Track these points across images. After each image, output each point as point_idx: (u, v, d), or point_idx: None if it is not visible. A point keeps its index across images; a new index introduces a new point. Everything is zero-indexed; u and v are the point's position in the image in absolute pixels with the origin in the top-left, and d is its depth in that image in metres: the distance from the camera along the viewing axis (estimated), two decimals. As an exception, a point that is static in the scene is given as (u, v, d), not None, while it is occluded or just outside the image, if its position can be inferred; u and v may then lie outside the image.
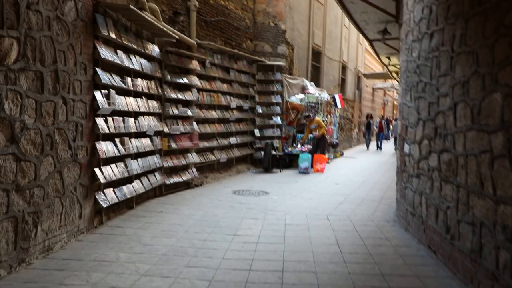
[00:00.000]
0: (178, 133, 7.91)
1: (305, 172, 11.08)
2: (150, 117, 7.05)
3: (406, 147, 5.64)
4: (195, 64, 8.54)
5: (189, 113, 8.26)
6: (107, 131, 5.50)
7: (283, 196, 7.95)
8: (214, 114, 9.70)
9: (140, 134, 6.66)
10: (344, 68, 19.56)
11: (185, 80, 8.14)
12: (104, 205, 5.38)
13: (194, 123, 8.53)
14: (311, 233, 5.42)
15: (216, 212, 6.52)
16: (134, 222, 5.68)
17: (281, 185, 9.19)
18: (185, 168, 8.37)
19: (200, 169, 9.14)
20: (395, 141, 22.05)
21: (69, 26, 4.62)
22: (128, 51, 6.35)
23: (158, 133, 7.36)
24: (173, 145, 7.80)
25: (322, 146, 12.11)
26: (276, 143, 12.04)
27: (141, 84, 6.68)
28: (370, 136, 20.60)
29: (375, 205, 7.36)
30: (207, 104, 9.51)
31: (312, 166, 11.47)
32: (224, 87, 10.17)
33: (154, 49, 7.14)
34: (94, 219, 5.35)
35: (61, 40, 4.46)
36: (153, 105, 7.11)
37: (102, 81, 5.34)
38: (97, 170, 5.30)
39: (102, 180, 5.34)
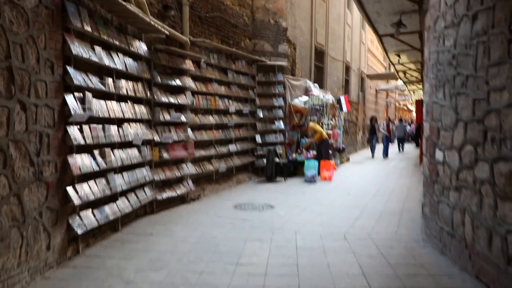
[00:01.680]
0: (170, 141, 7.01)
1: (312, 180, 10.17)
2: (137, 124, 6.16)
3: (439, 154, 4.74)
4: (188, 64, 7.66)
5: (183, 118, 7.36)
6: (82, 142, 4.60)
7: (290, 211, 7.04)
8: (211, 119, 8.81)
9: (125, 144, 5.76)
10: (347, 68, 18.69)
11: (177, 82, 7.26)
12: (80, 232, 4.47)
13: (189, 129, 7.64)
14: (329, 260, 4.51)
15: (215, 232, 5.61)
16: (117, 250, 4.77)
17: (287, 197, 8.28)
18: (179, 180, 7.46)
19: (196, 181, 8.23)
20: (398, 143, 21.11)
21: (28, 13, 3.73)
22: (109, 47, 5.47)
23: (148, 142, 6.47)
24: (165, 155, 6.90)
25: (324, 151, 11.17)
26: (279, 149, 11.13)
27: (126, 86, 5.79)
28: (375, 142, 17.83)
29: (396, 219, 6.45)
30: (203, 109, 8.62)
31: (319, 174, 10.57)
32: (222, 89, 9.29)
33: (141, 47, 6.26)
34: (68, 249, 4.43)
35: (16, 31, 3.58)
36: (141, 110, 6.22)
37: (75, 82, 4.45)
38: (70, 189, 4.39)
39: (77, 201, 4.43)
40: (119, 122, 5.66)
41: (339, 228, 5.86)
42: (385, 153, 17.60)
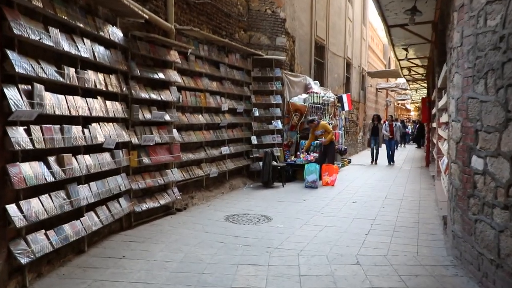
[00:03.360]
0: (152, 144, 6.05)
1: (312, 186, 9.24)
2: (110, 123, 5.20)
3: (478, 162, 3.81)
4: (174, 56, 6.70)
5: (167, 117, 6.41)
6: (30, 146, 3.65)
7: (290, 223, 6.11)
8: (200, 118, 7.85)
9: (93, 148, 4.80)
10: (348, 65, 17.77)
11: (160, 76, 6.30)
12: (25, 261, 3.51)
13: (174, 130, 6.68)
14: (341, 295, 3.59)
15: (202, 254, 4.67)
16: (76, 281, 3.81)
17: (285, 206, 7.34)
18: (163, 188, 6.50)
19: (184, 188, 7.28)
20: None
21: None
22: (71, 31, 4.51)
23: (124, 145, 5.53)
24: (146, 160, 5.94)
25: (331, 154, 10.27)
26: (277, 151, 10.19)
27: (94, 78, 4.84)
28: (378, 146, 15.03)
29: (413, 235, 5.53)
30: (192, 107, 7.66)
31: (320, 178, 9.64)
32: (213, 85, 8.33)
33: (115, 33, 5.31)
34: (9, 284, 3.48)
35: None
36: (115, 107, 5.27)
37: (18, 70, 3.50)
38: (10, 207, 3.44)
39: (20, 223, 3.47)
40: (86, 121, 4.70)
41: (349, 248, 4.93)
42: (391, 159, 14.92)
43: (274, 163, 9.45)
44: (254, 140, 9.98)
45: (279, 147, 10.49)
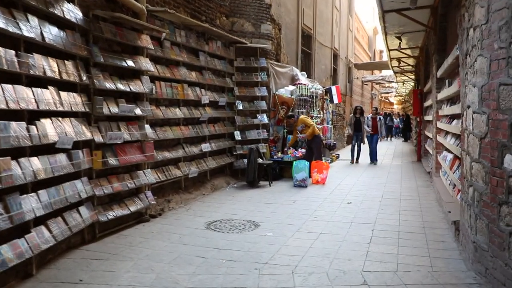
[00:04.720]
0: (119, 142, 5.20)
1: (302, 185, 8.52)
2: (66, 119, 4.35)
3: (513, 161, 3.12)
4: (145, 41, 5.84)
5: (138, 111, 5.57)
6: None
7: (280, 230, 5.38)
8: (178, 112, 7.01)
9: (43, 148, 3.95)
10: (335, 56, 17.09)
11: (129, 63, 5.45)
12: None
13: (147, 126, 5.84)
14: (351, 332, 2.85)
15: (177, 274, 3.89)
16: (13, 320, 2.99)
17: (274, 209, 6.60)
18: (134, 193, 5.67)
19: (159, 191, 6.46)
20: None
21: None
22: (12, 5, 3.65)
23: (85, 144, 4.68)
24: (112, 160, 5.10)
25: (316, 149, 9.52)
26: (263, 148, 9.43)
27: (44, 64, 3.98)
28: (360, 142, 13.20)
29: (422, 243, 4.85)
30: (168, 99, 6.83)
31: (309, 176, 8.92)
32: (192, 75, 7.50)
33: (71, 11, 4.45)
34: None
35: None
36: (72, 100, 4.42)
37: None
38: None
39: None
40: (33, 116, 3.85)
41: (351, 262, 4.21)
42: (373, 157, 13.06)
43: (260, 160, 8.69)
44: (237, 135, 9.20)
45: (265, 143, 9.74)
